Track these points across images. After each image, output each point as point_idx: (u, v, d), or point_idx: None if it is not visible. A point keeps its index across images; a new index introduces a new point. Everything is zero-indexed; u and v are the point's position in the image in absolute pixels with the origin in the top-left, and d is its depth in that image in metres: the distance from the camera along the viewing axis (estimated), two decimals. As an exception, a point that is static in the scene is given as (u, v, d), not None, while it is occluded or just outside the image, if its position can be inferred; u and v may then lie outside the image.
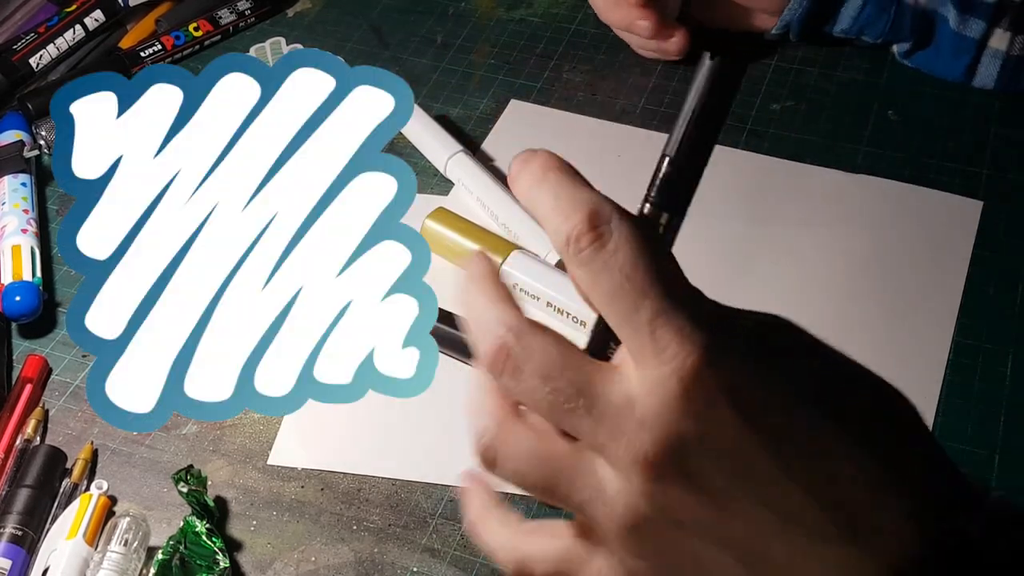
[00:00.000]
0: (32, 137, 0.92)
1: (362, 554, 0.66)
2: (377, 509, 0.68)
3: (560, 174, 0.38)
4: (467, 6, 1.04)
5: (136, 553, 0.64)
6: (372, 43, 1.01)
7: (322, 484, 0.69)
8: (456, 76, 0.97)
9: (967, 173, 0.85)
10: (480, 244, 0.78)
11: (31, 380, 0.75)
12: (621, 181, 0.87)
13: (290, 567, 0.65)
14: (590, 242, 0.36)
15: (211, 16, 1.01)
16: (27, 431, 0.72)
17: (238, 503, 0.69)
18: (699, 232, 0.83)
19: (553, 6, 1.03)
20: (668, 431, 0.34)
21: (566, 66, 0.97)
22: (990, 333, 0.75)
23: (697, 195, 0.38)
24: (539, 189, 0.37)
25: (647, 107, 0.93)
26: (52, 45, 0.98)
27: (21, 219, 0.84)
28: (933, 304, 0.77)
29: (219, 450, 0.71)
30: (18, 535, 0.65)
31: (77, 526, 0.65)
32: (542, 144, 0.96)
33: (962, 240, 0.80)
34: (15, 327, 0.79)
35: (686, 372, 0.34)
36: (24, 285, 0.79)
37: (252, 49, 1.01)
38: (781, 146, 0.88)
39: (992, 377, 0.72)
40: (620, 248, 0.35)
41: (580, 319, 0.74)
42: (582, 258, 0.36)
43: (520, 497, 0.68)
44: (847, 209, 0.83)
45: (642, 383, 0.35)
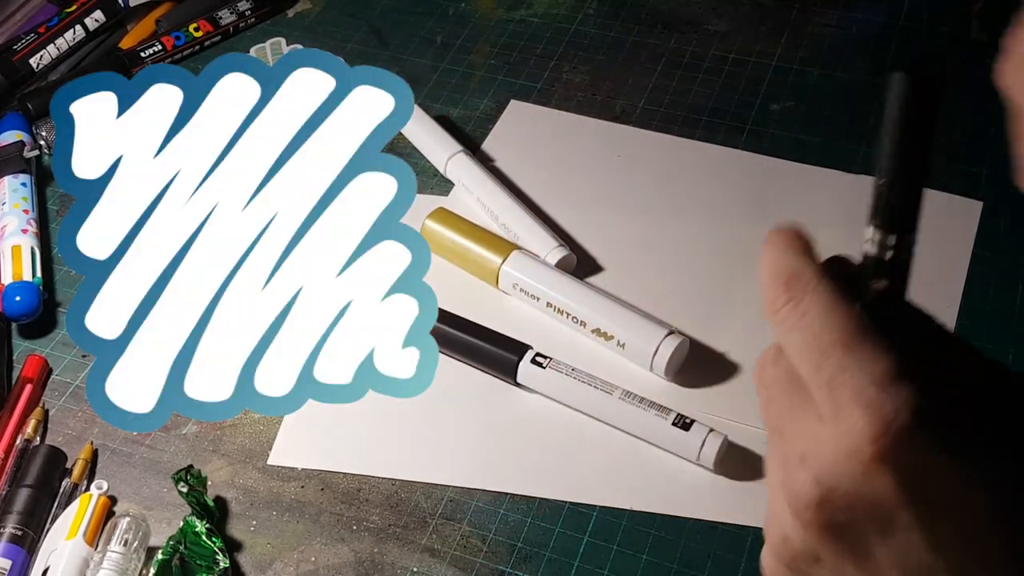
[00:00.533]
0: (32, 137, 0.92)
1: (362, 554, 0.66)
2: (377, 509, 0.68)
3: (777, 240, 0.40)
4: (467, 6, 1.04)
5: (136, 553, 0.64)
6: (372, 43, 1.01)
7: (322, 484, 0.69)
8: (456, 76, 0.97)
9: (967, 173, 0.85)
10: (480, 244, 0.78)
11: (31, 380, 0.75)
12: (621, 181, 0.88)
13: (290, 567, 0.65)
14: (783, 304, 0.38)
15: (211, 16, 1.01)
16: (27, 431, 0.72)
17: (238, 503, 0.69)
18: (699, 232, 0.84)
19: (553, 6, 1.03)
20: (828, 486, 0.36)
21: (566, 66, 0.97)
22: (990, 333, 0.75)
23: (697, 195, 0.39)
24: (763, 261, 0.40)
25: (647, 107, 0.93)
26: (52, 45, 0.98)
27: (21, 219, 0.84)
28: (933, 304, 0.75)
29: (219, 450, 0.71)
30: (18, 535, 0.65)
31: (77, 526, 0.65)
32: (542, 144, 0.96)
33: (962, 240, 0.80)
34: (15, 327, 0.79)
35: (854, 436, 0.35)
36: (24, 285, 0.79)
37: (252, 49, 1.01)
38: (781, 146, 0.88)
39: (992, 377, 0.72)
40: (810, 310, 0.37)
41: (580, 319, 0.74)
42: (777, 319, 0.38)
43: (521, 497, 0.68)
44: (847, 209, 0.83)
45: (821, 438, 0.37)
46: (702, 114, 0.92)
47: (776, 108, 0.92)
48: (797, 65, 0.95)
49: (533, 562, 0.65)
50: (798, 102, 0.92)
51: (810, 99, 0.92)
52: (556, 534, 0.66)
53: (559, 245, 0.78)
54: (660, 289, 0.78)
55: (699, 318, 0.76)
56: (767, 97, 0.93)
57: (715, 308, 0.77)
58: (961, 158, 0.86)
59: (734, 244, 0.81)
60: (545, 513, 0.67)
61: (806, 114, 0.91)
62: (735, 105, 0.92)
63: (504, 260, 0.77)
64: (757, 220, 0.82)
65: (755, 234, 0.82)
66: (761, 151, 0.88)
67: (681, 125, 0.91)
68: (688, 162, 0.88)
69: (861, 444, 0.35)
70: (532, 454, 0.70)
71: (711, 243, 0.81)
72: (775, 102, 0.92)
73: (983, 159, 0.86)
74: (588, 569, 0.65)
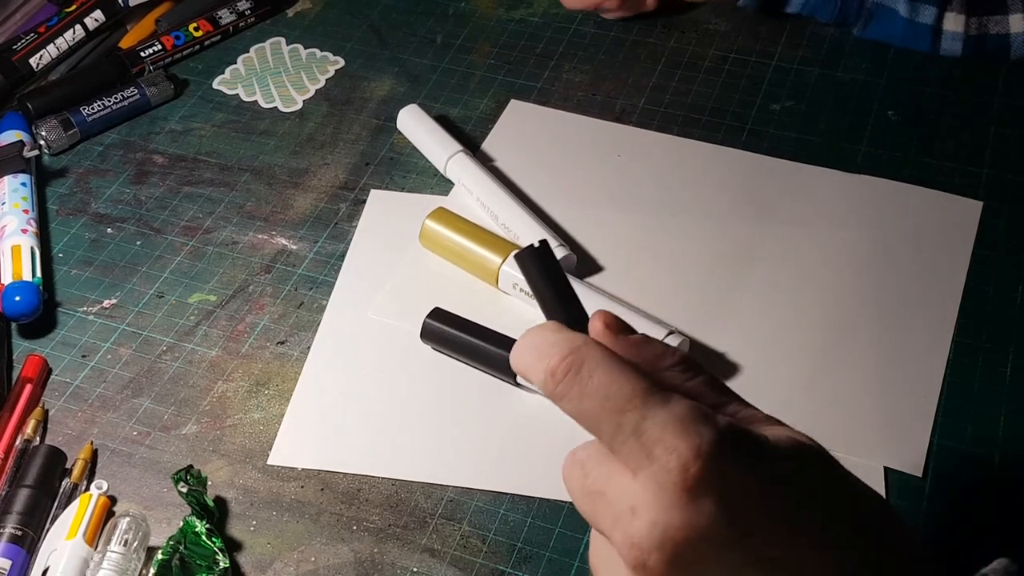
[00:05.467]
0: (32, 137, 0.92)
1: (362, 554, 0.66)
2: (377, 509, 0.68)
3: (536, 330, 0.41)
4: (467, 6, 1.04)
5: (136, 553, 0.64)
6: (372, 43, 1.01)
7: (322, 484, 0.69)
8: (456, 76, 0.97)
9: (967, 173, 0.85)
10: (480, 244, 0.78)
11: (31, 380, 0.75)
12: (621, 181, 0.88)
13: (290, 567, 0.65)
14: (563, 375, 0.39)
15: (211, 16, 1.01)
16: (27, 431, 0.72)
17: (238, 503, 0.69)
18: (699, 232, 0.84)
19: (553, 6, 1.03)
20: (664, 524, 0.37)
21: (566, 66, 0.97)
22: (990, 333, 0.75)
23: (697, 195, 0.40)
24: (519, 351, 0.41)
25: (647, 107, 0.92)
26: (52, 45, 0.98)
27: (21, 219, 0.84)
28: (933, 304, 0.77)
29: (219, 450, 0.71)
30: (18, 535, 0.65)
31: (77, 526, 0.65)
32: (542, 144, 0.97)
33: (962, 240, 0.80)
34: (15, 327, 0.79)
35: (673, 470, 0.37)
36: (24, 285, 0.79)
37: (252, 49, 1.01)
38: (781, 146, 0.88)
39: (992, 377, 0.72)
40: (594, 374, 0.38)
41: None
42: (560, 392, 0.39)
43: (521, 498, 0.68)
44: (847, 209, 0.83)
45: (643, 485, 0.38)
46: (702, 114, 0.92)
47: (776, 108, 0.92)
48: (797, 65, 0.95)
49: (533, 562, 0.65)
50: (798, 102, 0.92)
51: (810, 99, 0.92)
52: (556, 534, 0.66)
53: (559, 245, 0.78)
54: (660, 289, 0.78)
55: (699, 318, 0.76)
56: (767, 97, 0.93)
57: (715, 308, 0.77)
58: (961, 158, 0.86)
59: (734, 244, 0.81)
60: (545, 513, 0.67)
61: (806, 114, 0.91)
62: (735, 105, 0.92)
63: (504, 260, 0.77)
64: (757, 220, 0.82)
65: (755, 234, 0.83)
66: (761, 151, 0.88)
67: (681, 125, 0.91)
68: (688, 162, 0.88)
69: (679, 475, 0.36)
70: (532, 454, 0.70)
71: (711, 243, 0.81)
72: (775, 102, 0.92)
73: (983, 159, 0.86)
74: (588, 569, 0.65)
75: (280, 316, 0.79)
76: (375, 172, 0.89)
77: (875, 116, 0.90)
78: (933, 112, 0.90)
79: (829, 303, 0.77)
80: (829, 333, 0.75)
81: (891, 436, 0.69)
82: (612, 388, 0.38)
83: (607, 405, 0.38)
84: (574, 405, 0.39)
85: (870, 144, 0.88)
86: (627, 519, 0.37)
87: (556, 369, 0.39)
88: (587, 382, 0.38)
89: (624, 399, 0.38)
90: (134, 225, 0.86)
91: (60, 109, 0.93)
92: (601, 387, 0.38)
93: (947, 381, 0.72)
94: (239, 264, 0.83)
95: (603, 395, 0.38)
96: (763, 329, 0.76)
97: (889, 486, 0.67)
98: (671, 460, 0.36)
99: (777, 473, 0.38)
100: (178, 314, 0.80)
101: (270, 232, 0.85)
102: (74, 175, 0.91)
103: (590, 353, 0.39)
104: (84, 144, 0.94)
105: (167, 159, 0.92)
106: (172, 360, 0.77)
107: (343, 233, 0.84)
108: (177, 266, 0.83)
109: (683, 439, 0.36)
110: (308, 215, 0.86)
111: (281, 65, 1.00)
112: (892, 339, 0.74)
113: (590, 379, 0.38)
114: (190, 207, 0.87)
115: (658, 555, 0.37)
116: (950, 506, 0.66)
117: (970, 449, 0.69)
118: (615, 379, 0.38)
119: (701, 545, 0.37)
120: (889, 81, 0.93)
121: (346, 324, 0.78)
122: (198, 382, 0.75)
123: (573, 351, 0.39)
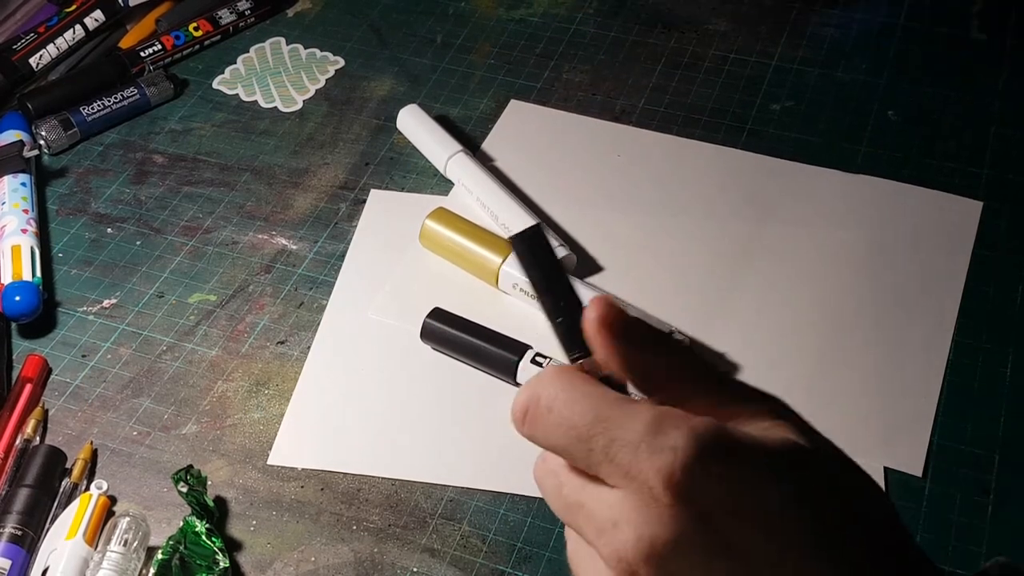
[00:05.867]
0: (32, 137, 0.92)
1: (362, 554, 0.66)
2: (377, 509, 0.68)
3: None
4: (467, 6, 1.04)
5: (136, 553, 0.64)
6: (372, 43, 1.01)
7: (322, 484, 0.69)
8: (456, 76, 0.97)
9: (967, 173, 0.85)
10: (480, 244, 0.78)
11: (31, 380, 0.75)
12: (621, 181, 0.88)
13: (290, 567, 0.65)
14: (522, 414, 0.39)
15: (211, 16, 1.01)
16: (27, 431, 0.72)
17: (238, 503, 0.69)
18: (699, 232, 0.84)
19: (553, 6, 1.03)
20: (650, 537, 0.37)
21: (566, 66, 0.97)
22: (990, 333, 0.75)
23: (697, 195, 0.40)
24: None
25: (647, 107, 0.92)
26: (52, 45, 0.98)
27: (21, 219, 0.84)
28: (933, 304, 0.77)
29: (219, 450, 0.71)
30: (18, 535, 0.65)
31: (77, 526, 0.65)
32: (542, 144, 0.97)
33: (962, 240, 0.80)
34: (15, 327, 0.79)
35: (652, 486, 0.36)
36: (24, 285, 0.79)
37: (252, 49, 1.01)
38: (781, 146, 0.88)
39: (992, 377, 0.72)
40: (554, 406, 0.38)
41: (580, 319, 0.74)
42: (527, 433, 0.39)
43: (521, 498, 0.68)
44: (847, 209, 0.83)
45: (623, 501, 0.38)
46: (702, 114, 0.92)
47: (776, 108, 0.92)
48: (797, 65, 0.95)
49: (533, 562, 0.65)
50: (798, 102, 0.92)
51: (810, 99, 0.92)
52: (556, 534, 0.66)
53: (559, 245, 0.78)
54: (660, 289, 0.78)
55: (699, 318, 0.76)
56: (767, 97, 0.93)
57: (715, 308, 0.77)
58: (961, 158, 0.86)
59: (734, 244, 0.81)
60: (545, 513, 0.67)
61: (806, 114, 0.91)
62: (735, 105, 0.92)
63: (504, 260, 0.77)
64: (757, 220, 0.82)
65: (755, 234, 0.83)
66: (761, 151, 0.88)
67: (681, 125, 0.91)
68: (688, 162, 0.88)
69: (660, 490, 0.36)
70: (532, 454, 0.70)
71: (711, 243, 0.81)
72: (775, 102, 0.92)
73: (983, 159, 0.86)
74: (588, 569, 0.65)
75: (280, 316, 0.79)
76: (375, 172, 0.89)
77: (875, 116, 0.90)
78: (933, 112, 0.90)
79: (829, 303, 0.77)
80: (829, 333, 0.75)
81: (891, 436, 0.69)
82: (574, 418, 0.38)
83: (572, 434, 0.38)
84: (542, 442, 0.39)
85: (870, 144, 0.88)
86: (611, 532, 0.38)
87: (517, 413, 0.39)
88: (547, 417, 0.39)
89: (586, 426, 0.38)
90: (134, 225, 0.86)
91: (60, 109, 0.93)
92: (562, 419, 0.38)
93: (947, 381, 0.72)
94: (239, 264, 0.83)
95: (566, 426, 0.38)
96: (763, 329, 0.76)
97: (889, 486, 0.67)
98: (649, 478, 0.36)
99: (761, 475, 0.38)
100: (178, 314, 0.80)
101: (270, 232, 0.85)
102: (74, 175, 0.91)
103: (544, 389, 0.39)
104: (84, 144, 0.94)
105: (167, 159, 0.92)
106: (172, 360, 0.77)
107: (343, 233, 0.84)
108: (177, 266, 0.83)
109: (657, 456, 0.36)
110: (308, 215, 0.86)
111: (281, 65, 1.00)
112: (892, 339, 0.74)
113: (549, 414, 0.38)
114: (190, 207, 0.87)
115: (646, 568, 0.37)
116: (950, 506, 0.66)
117: (970, 449, 0.69)
118: (574, 408, 0.38)
119: (689, 554, 0.37)
120: (889, 81, 0.93)
121: (346, 324, 0.78)
122: (198, 382, 0.75)
123: (530, 389, 0.39)
